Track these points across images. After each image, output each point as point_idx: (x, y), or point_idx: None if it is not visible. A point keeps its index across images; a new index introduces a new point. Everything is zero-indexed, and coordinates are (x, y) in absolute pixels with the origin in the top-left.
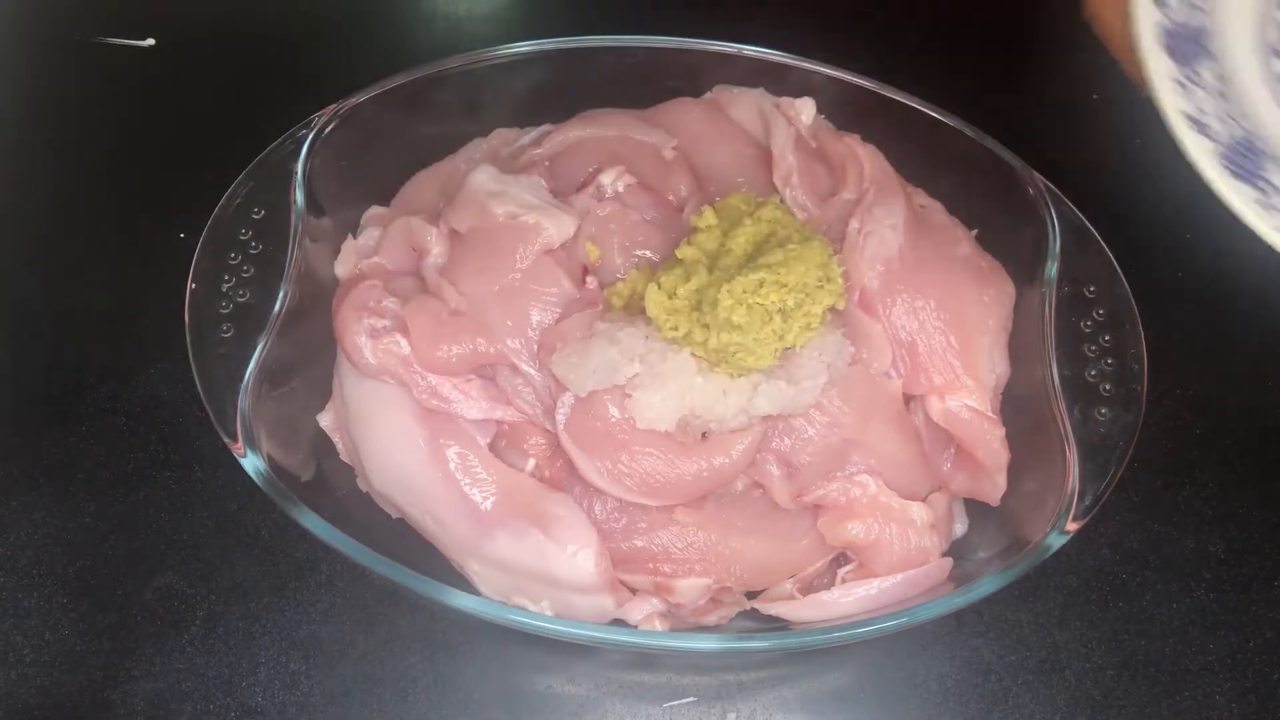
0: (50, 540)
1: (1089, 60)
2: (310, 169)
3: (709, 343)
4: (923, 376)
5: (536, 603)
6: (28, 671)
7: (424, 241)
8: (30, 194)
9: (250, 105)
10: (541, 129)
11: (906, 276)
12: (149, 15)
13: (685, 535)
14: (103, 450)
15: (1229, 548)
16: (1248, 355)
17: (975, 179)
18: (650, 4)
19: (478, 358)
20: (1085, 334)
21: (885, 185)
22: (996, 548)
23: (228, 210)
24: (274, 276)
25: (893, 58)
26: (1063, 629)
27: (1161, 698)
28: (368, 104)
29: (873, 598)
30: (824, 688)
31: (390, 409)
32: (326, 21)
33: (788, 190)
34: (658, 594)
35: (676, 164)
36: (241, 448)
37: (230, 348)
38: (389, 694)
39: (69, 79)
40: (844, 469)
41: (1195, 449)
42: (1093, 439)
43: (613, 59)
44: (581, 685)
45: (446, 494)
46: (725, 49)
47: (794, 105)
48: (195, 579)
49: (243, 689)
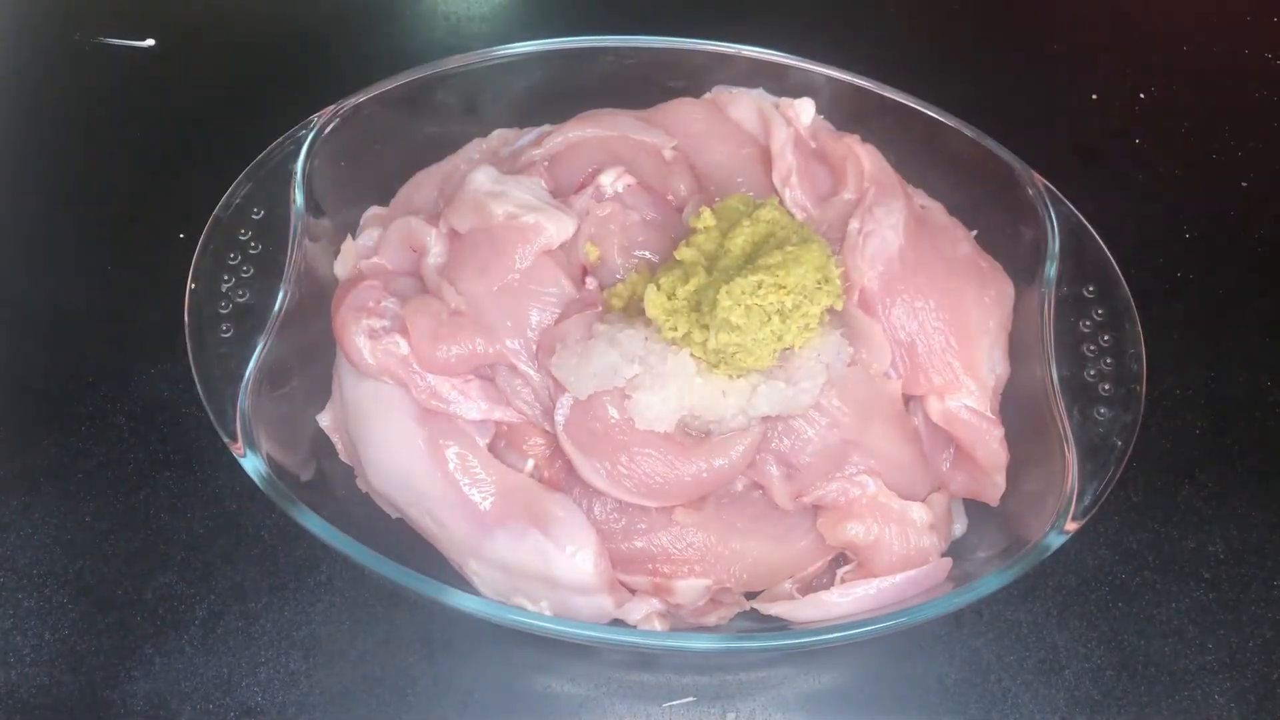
0: (50, 540)
1: (1089, 60)
2: (310, 169)
3: (708, 344)
4: (922, 377)
5: (536, 603)
6: (28, 672)
7: (424, 242)
8: (30, 194)
9: (250, 105)
10: (541, 129)
11: (906, 277)
12: (149, 15)
13: (685, 536)
14: (103, 450)
15: (1229, 548)
16: (1248, 355)
17: (975, 179)
18: (650, 4)
19: (477, 358)
20: (1085, 334)
21: (885, 185)
22: (996, 548)
23: (227, 210)
24: (273, 277)
25: (892, 58)
26: (1062, 629)
27: (1161, 698)
28: (367, 104)
29: (872, 598)
30: (824, 688)
31: (389, 409)
32: (326, 22)
33: (787, 190)
34: (657, 594)
35: (676, 164)
36: (241, 448)
37: (230, 348)
38: (389, 694)
39: (69, 79)
40: (843, 469)
41: (1195, 449)
42: (1092, 439)
43: (612, 59)
44: (581, 685)
45: (446, 494)
46: (725, 49)
47: (793, 105)
48: (195, 579)
49: (243, 689)
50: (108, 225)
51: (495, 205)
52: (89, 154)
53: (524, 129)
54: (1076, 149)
